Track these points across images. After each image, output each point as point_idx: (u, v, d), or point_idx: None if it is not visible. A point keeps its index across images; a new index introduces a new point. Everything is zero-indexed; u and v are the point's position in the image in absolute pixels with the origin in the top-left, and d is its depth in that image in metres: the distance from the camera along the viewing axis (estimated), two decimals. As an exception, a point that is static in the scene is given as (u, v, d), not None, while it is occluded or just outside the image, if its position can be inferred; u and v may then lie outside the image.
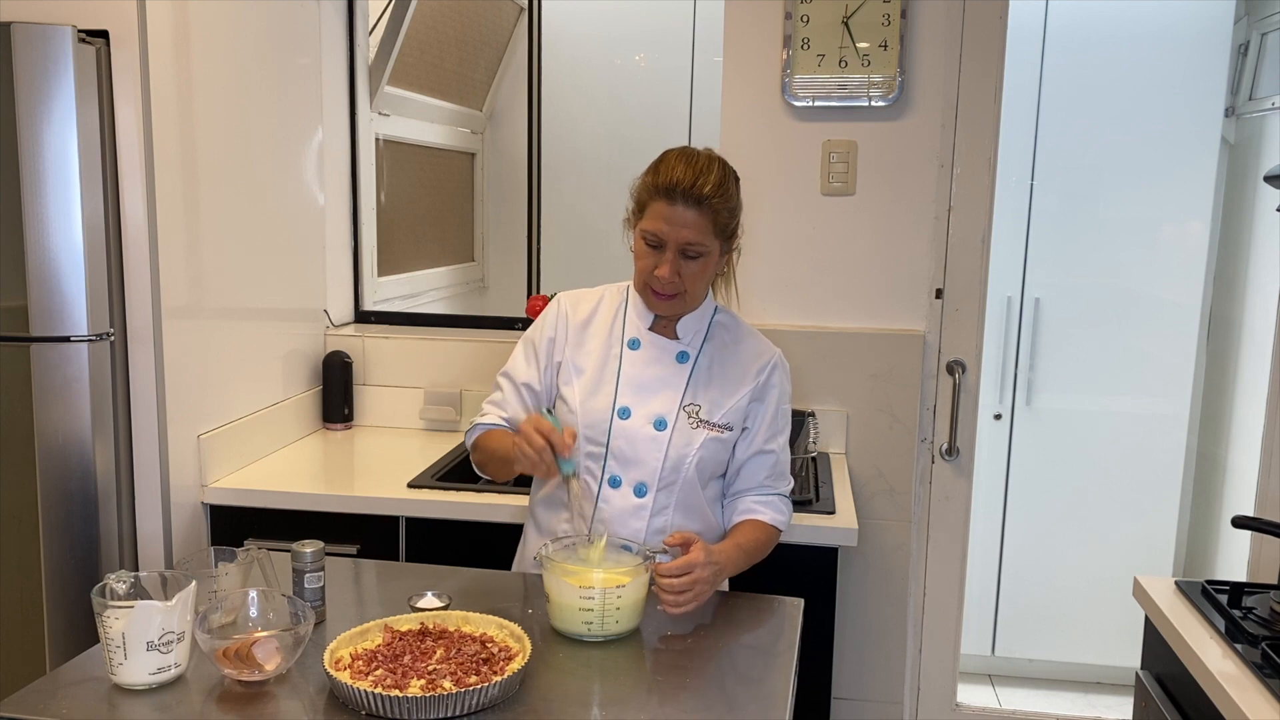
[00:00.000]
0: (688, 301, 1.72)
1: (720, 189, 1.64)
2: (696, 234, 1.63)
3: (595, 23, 3.71)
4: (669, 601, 1.55)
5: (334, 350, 2.81)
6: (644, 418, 1.72)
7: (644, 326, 1.77)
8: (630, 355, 1.76)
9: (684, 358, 1.76)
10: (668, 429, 1.72)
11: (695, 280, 1.68)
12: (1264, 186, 3.01)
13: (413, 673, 1.34)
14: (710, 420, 1.73)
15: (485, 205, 3.94)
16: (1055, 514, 3.27)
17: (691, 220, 1.63)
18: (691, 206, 1.62)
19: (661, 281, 1.67)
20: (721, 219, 1.66)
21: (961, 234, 2.56)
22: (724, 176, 1.66)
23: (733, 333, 1.81)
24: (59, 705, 1.32)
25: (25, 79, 1.90)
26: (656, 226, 1.65)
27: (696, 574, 1.56)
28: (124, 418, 2.10)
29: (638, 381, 1.74)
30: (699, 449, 1.72)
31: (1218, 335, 3.31)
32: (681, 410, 1.73)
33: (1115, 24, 3.10)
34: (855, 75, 2.49)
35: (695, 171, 1.63)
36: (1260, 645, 1.53)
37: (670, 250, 1.65)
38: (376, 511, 2.23)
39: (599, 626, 1.51)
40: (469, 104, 3.77)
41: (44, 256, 1.95)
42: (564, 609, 1.51)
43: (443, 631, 1.46)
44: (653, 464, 1.71)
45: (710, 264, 1.69)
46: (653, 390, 1.74)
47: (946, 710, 2.74)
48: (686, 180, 1.62)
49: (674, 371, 1.75)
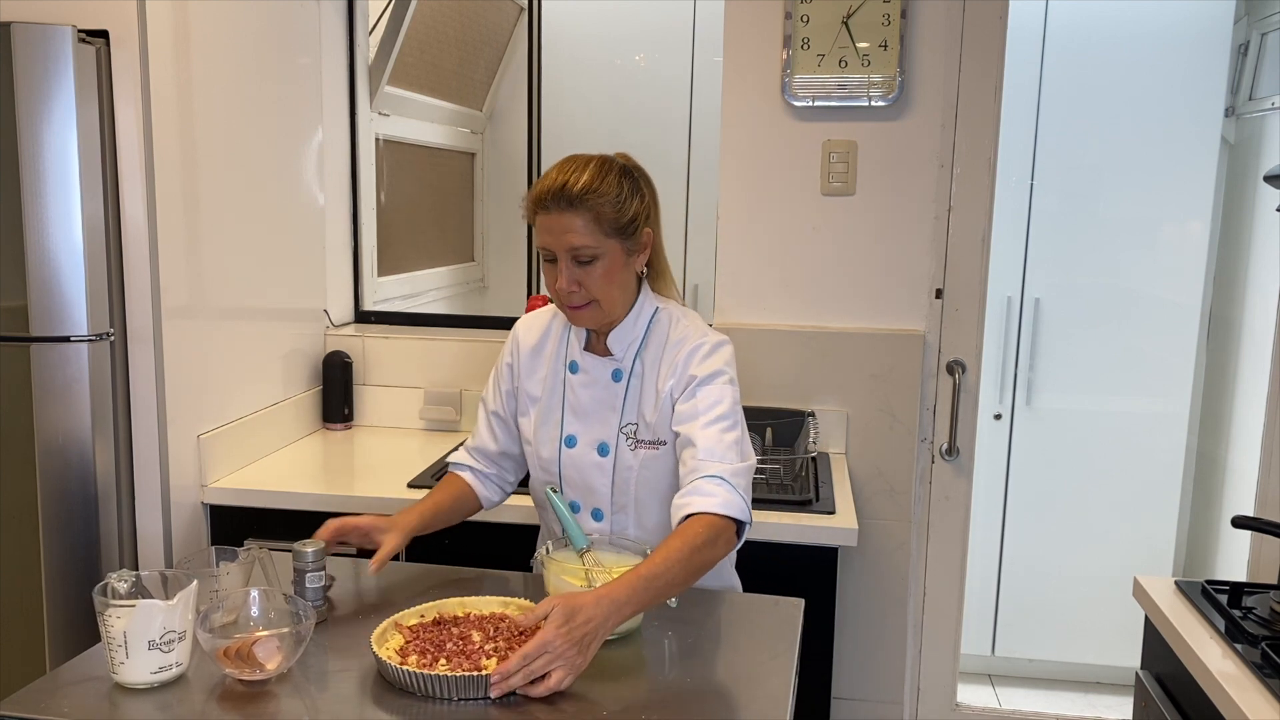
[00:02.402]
0: (605, 309, 1.63)
1: (593, 185, 1.55)
2: (580, 237, 1.55)
3: (595, 23, 3.71)
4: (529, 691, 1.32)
5: (334, 350, 2.81)
6: (588, 444, 1.70)
7: (580, 347, 1.71)
8: (571, 380, 1.72)
9: (618, 376, 1.70)
10: (610, 454, 1.69)
11: (600, 285, 1.59)
12: (1264, 186, 3.01)
13: (477, 654, 1.39)
14: (645, 439, 1.67)
15: (485, 205, 3.94)
16: (1055, 514, 3.27)
17: (570, 224, 1.55)
18: (566, 209, 1.55)
19: (564, 294, 1.59)
20: (606, 215, 1.56)
21: (961, 234, 2.56)
22: (601, 172, 1.57)
23: (665, 333, 1.69)
24: (59, 704, 1.32)
25: (25, 79, 1.90)
26: (543, 239, 1.59)
27: (549, 654, 1.31)
28: (124, 418, 2.10)
29: (579, 407, 1.71)
30: (639, 469, 1.68)
31: (1218, 335, 3.31)
32: (620, 433, 1.69)
33: (1115, 24, 3.10)
34: (855, 75, 2.49)
35: (564, 174, 1.56)
36: (1260, 645, 1.53)
37: (562, 259, 1.58)
38: (376, 511, 2.23)
39: None
40: (469, 104, 3.77)
41: (44, 256, 1.95)
42: None
43: (459, 617, 1.50)
44: (602, 490, 1.70)
45: (613, 266, 1.59)
46: (594, 415, 1.70)
47: (946, 710, 2.75)
48: (556, 184, 1.55)
49: (611, 393, 1.70)
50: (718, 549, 1.51)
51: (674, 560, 1.45)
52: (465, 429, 2.79)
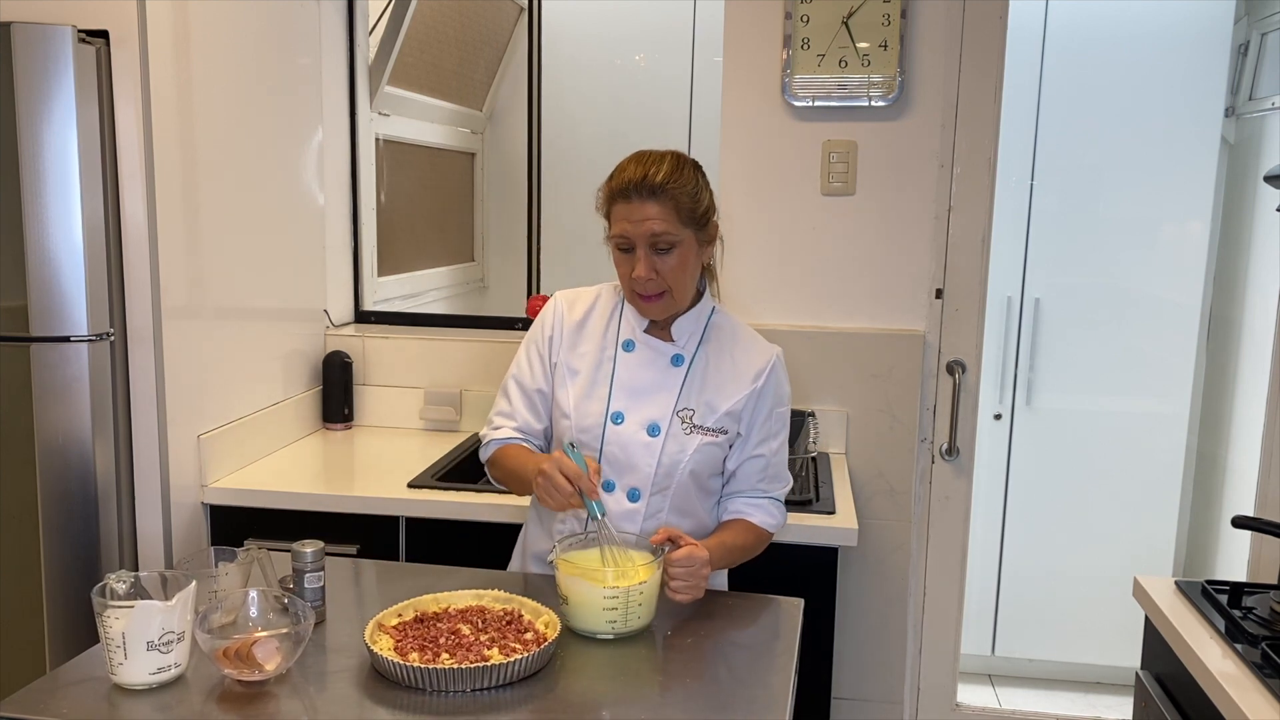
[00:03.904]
0: (675, 299, 1.69)
1: (674, 175, 1.64)
2: (661, 224, 1.62)
3: (595, 23, 3.71)
4: (676, 589, 1.58)
5: (334, 350, 2.81)
6: (637, 423, 1.71)
7: (639, 329, 1.76)
8: (624, 358, 1.74)
9: (679, 361, 1.74)
10: (661, 435, 1.70)
11: (676, 274, 1.66)
12: (1264, 186, 3.01)
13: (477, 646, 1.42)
14: (704, 425, 1.72)
15: (485, 205, 3.94)
16: (1055, 514, 3.27)
17: (653, 212, 1.62)
18: (648, 198, 1.62)
19: (641, 282, 1.65)
20: (684, 205, 1.64)
21: (961, 234, 2.56)
22: (678, 164, 1.66)
23: (730, 334, 1.78)
24: (59, 705, 1.32)
25: (25, 79, 1.90)
26: (622, 228, 1.64)
27: (699, 568, 1.58)
28: (124, 418, 2.10)
29: (631, 385, 1.73)
30: (693, 454, 1.71)
31: (1218, 335, 3.31)
32: (675, 416, 1.71)
33: (1115, 24, 3.10)
34: (855, 75, 2.49)
35: (645, 166, 1.64)
36: (1260, 645, 1.53)
37: (641, 247, 1.64)
38: (376, 511, 2.23)
39: (622, 624, 1.52)
40: (469, 104, 3.77)
41: (44, 256, 1.95)
42: (587, 608, 1.51)
43: (438, 613, 1.52)
44: (646, 470, 1.71)
45: (688, 255, 1.67)
46: (647, 394, 1.72)
47: (946, 710, 2.74)
48: (637, 175, 1.63)
49: (668, 375, 1.73)
50: (760, 551, 1.80)
51: (737, 550, 1.74)
52: (465, 429, 2.78)
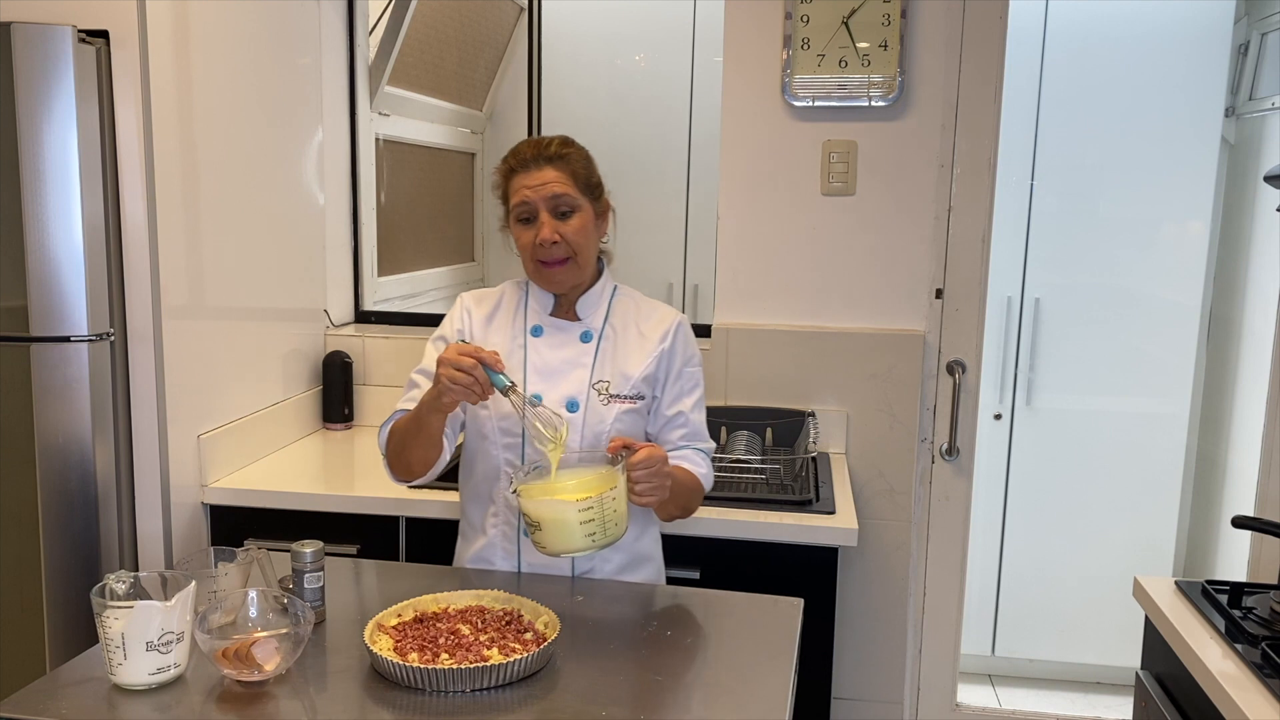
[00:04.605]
0: (581, 264, 1.74)
1: (566, 146, 1.74)
2: (561, 186, 1.70)
3: (595, 23, 3.71)
4: (641, 491, 1.60)
5: (334, 350, 2.81)
6: (555, 402, 1.74)
7: (545, 313, 1.80)
8: (534, 343, 1.79)
9: (587, 337, 1.79)
10: (580, 409, 1.74)
11: (578, 237, 1.72)
12: (1264, 186, 3.01)
13: (476, 647, 1.42)
14: (621, 394, 1.76)
15: (485, 205, 3.94)
16: (1055, 514, 3.27)
17: (552, 175, 1.71)
18: (545, 165, 1.71)
19: (546, 246, 1.70)
20: (580, 172, 1.73)
21: (961, 234, 2.56)
22: (568, 140, 1.77)
23: (633, 306, 1.84)
24: (59, 705, 1.32)
25: (25, 79, 1.90)
26: (522, 195, 1.71)
27: (660, 466, 1.62)
28: (124, 418, 2.10)
29: (545, 367, 1.77)
30: (613, 423, 1.74)
31: (1218, 335, 3.31)
32: (591, 389, 1.76)
33: (1115, 24, 3.10)
34: (855, 75, 2.49)
35: (537, 141, 1.75)
36: (1260, 645, 1.53)
37: (544, 210, 1.70)
38: (376, 511, 2.23)
39: (602, 535, 1.53)
40: (469, 104, 3.77)
41: (44, 256, 1.95)
42: (563, 527, 1.52)
43: (438, 613, 1.52)
44: (571, 446, 1.73)
45: (587, 222, 1.73)
46: (561, 373, 1.77)
47: (946, 710, 2.75)
48: (532, 148, 1.74)
49: (580, 352, 1.78)
50: (697, 504, 1.82)
51: (688, 485, 1.76)
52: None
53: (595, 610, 1.65)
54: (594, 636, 1.54)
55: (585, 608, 1.65)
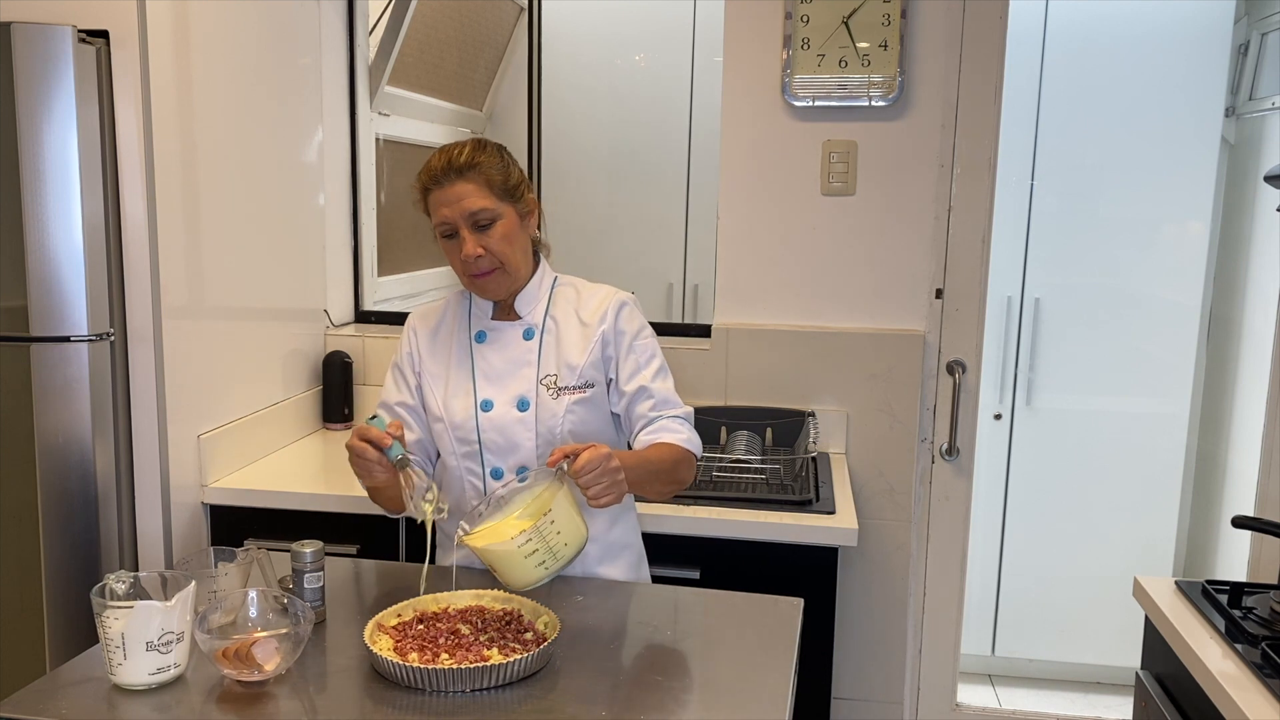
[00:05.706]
0: (510, 272, 1.73)
1: (476, 154, 1.70)
2: (477, 200, 1.68)
3: (595, 23, 3.70)
4: (594, 495, 1.55)
5: (334, 350, 2.81)
6: (506, 404, 1.75)
7: (487, 317, 1.81)
8: (480, 349, 1.79)
9: (530, 334, 1.79)
10: (531, 407, 1.74)
11: (502, 247, 1.70)
12: (1264, 186, 3.01)
13: (476, 647, 1.43)
14: (569, 385, 1.76)
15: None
16: (1055, 514, 3.27)
17: (466, 190, 1.68)
18: (457, 179, 1.68)
19: (472, 261, 1.69)
20: (495, 179, 1.70)
21: (961, 234, 2.56)
22: (479, 145, 1.72)
23: (574, 295, 1.83)
24: (59, 705, 1.32)
25: (25, 79, 1.90)
26: (441, 214, 1.70)
27: (605, 463, 1.54)
28: (124, 418, 2.10)
29: (492, 371, 1.78)
30: (564, 416, 1.74)
31: (1218, 335, 3.31)
32: (540, 385, 1.76)
33: (1115, 24, 3.10)
34: (855, 75, 2.49)
35: (448, 153, 1.71)
36: (1260, 645, 1.53)
37: (464, 228, 1.69)
38: (376, 511, 2.22)
39: (552, 560, 1.51)
40: (469, 104, 3.77)
41: (44, 256, 1.95)
42: (511, 564, 1.50)
43: (438, 613, 1.52)
44: (527, 445, 1.74)
45: (511, 228, 1.72)
46: (509, 375, 1.77)
47: (946, 710, 2.75)
48: (443, 161, 1.70)
49: (524, 350, 1.78)
50: (689, 472, 1.75)
51: (664, 459, 1.69)
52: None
53: (595, 610, 1.65)
54: (594, 637, 1.54)
55: (585, 608, 1.65)
